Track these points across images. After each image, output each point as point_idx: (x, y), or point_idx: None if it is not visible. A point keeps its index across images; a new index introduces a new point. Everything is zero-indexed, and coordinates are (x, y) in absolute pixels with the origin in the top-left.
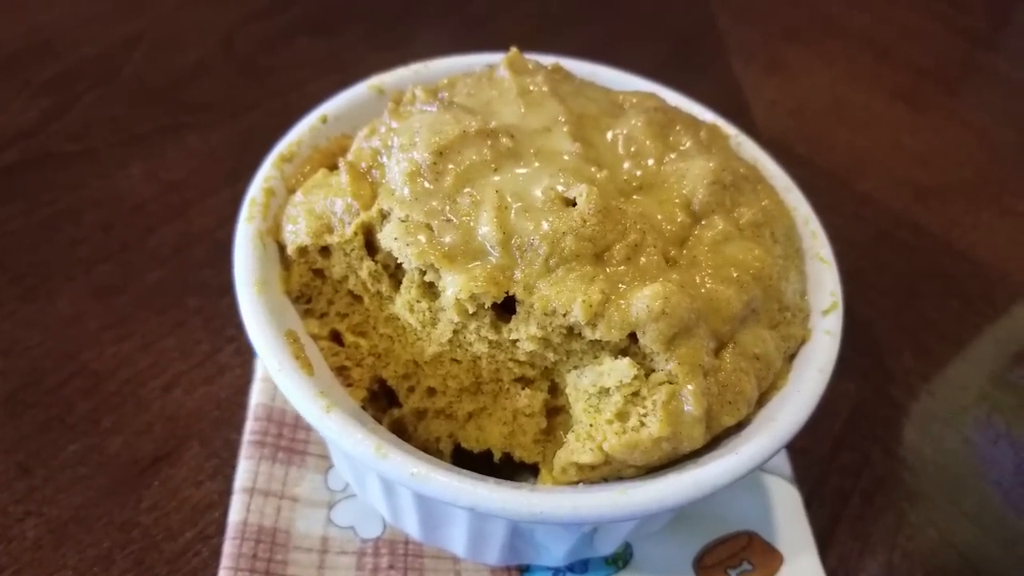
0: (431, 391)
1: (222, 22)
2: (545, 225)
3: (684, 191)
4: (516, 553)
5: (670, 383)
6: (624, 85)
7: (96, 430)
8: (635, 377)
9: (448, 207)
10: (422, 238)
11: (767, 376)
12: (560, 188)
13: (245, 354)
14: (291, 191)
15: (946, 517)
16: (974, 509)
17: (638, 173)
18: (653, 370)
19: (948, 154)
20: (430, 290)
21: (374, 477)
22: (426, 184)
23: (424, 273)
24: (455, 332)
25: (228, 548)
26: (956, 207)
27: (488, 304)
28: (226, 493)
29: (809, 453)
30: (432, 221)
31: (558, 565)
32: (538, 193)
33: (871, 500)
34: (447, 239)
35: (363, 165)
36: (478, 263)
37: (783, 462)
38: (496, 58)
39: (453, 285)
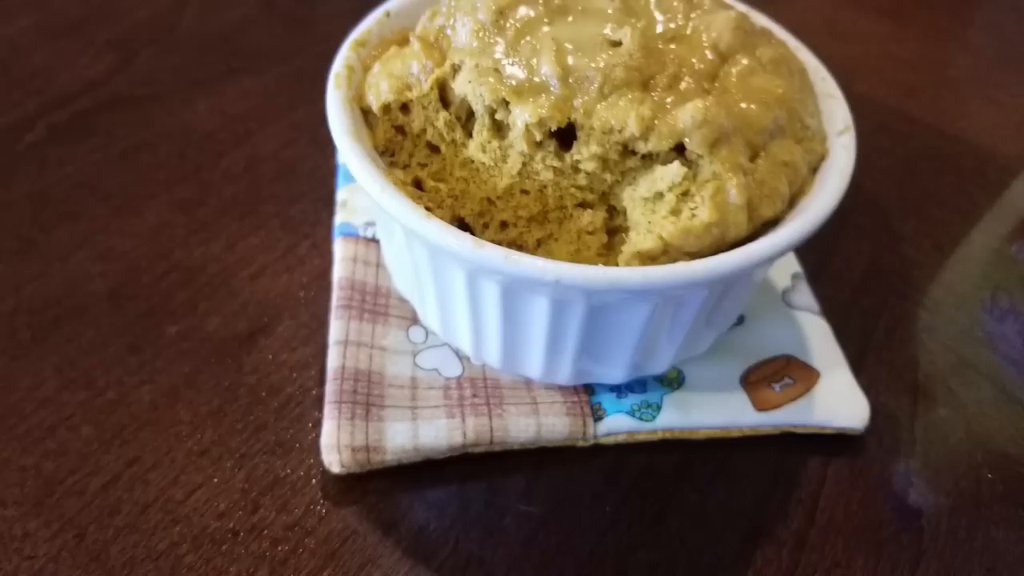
0: (503, 224)
1: None
2: (598, 61)
3: (712, 36)
4: (582, 374)
5: (715, 180)
6: None
7: (194, 313)
8: (684, 177)
9: (513, 53)
10: (492, 79)
11: (796, 180)
12: (607, 33)
13: (321, 246)
14: (367, 69)
15: (962, 343)
16: (986, 336)
17: (672, 26)
18: (699, 175)
19: (933, 59)
20: (499, 131)
21: (463, 303)
22: (490, 38)
23: (494, 112)
24: (523, 164)
25: (331, 387)
26: (945, 101)
27: (553, 128)
28: (318, 355)
29: (831, 300)
30: (499, 65)
31: (619, 382)
32: (588, 38)
33: (893, 333)
34: (514, 79)
35: (431, 38)
36: (543, 96)
37: (811, 300)
38: None
39: (522, 115)
